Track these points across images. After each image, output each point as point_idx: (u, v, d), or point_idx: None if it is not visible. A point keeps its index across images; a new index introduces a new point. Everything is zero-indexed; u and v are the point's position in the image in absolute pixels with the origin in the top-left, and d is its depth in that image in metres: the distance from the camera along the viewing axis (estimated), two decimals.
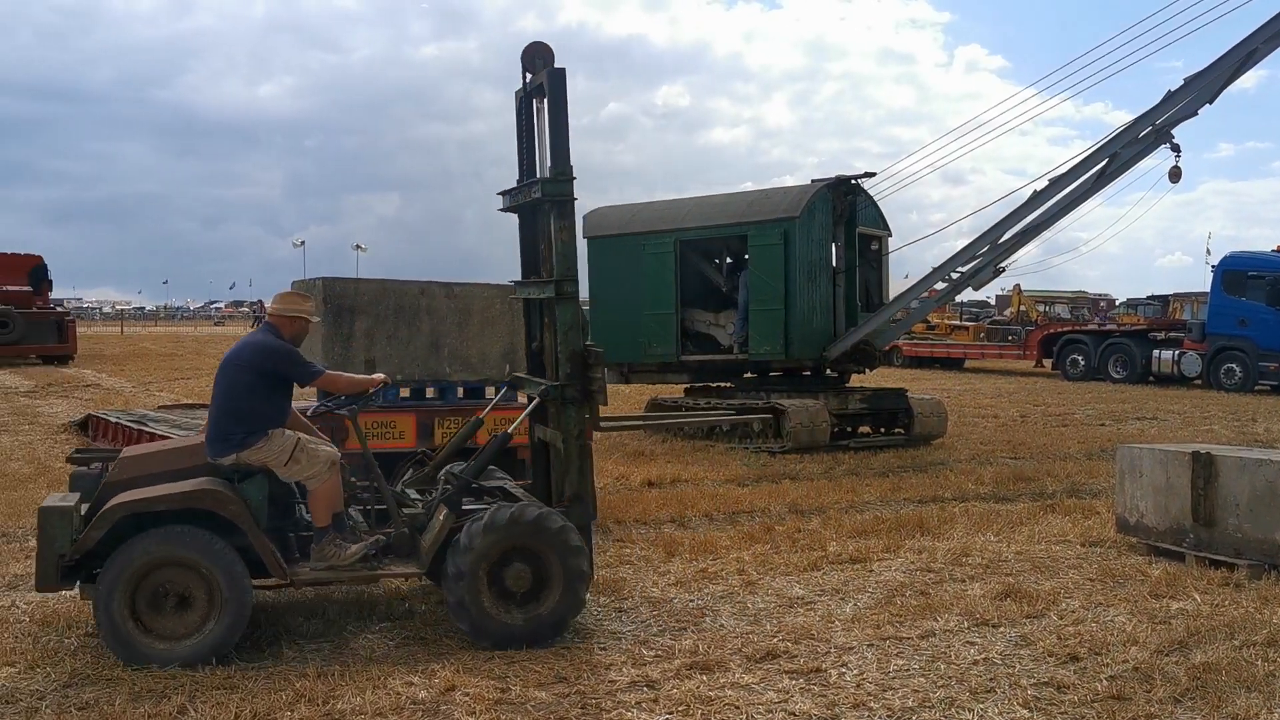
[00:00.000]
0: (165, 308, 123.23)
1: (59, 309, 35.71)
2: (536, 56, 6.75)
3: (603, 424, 6.83)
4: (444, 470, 6.89)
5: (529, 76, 6.89)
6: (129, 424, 13.34)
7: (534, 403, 6.82)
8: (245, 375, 6.10)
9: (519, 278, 7.40)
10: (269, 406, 6.11)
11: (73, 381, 25.43)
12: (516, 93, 7.09)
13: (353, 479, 6.48)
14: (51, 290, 36.09)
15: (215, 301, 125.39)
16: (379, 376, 6.64)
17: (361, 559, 6.04)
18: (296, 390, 6.61)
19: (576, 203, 6.53)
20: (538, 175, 6.92)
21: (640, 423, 9.38)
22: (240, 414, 6.02)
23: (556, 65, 6.62)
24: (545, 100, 6.63)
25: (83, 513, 5.89)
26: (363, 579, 6.27)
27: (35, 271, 34.02)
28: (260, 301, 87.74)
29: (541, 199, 6.58)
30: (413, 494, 6.82)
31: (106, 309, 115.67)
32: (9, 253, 35.01)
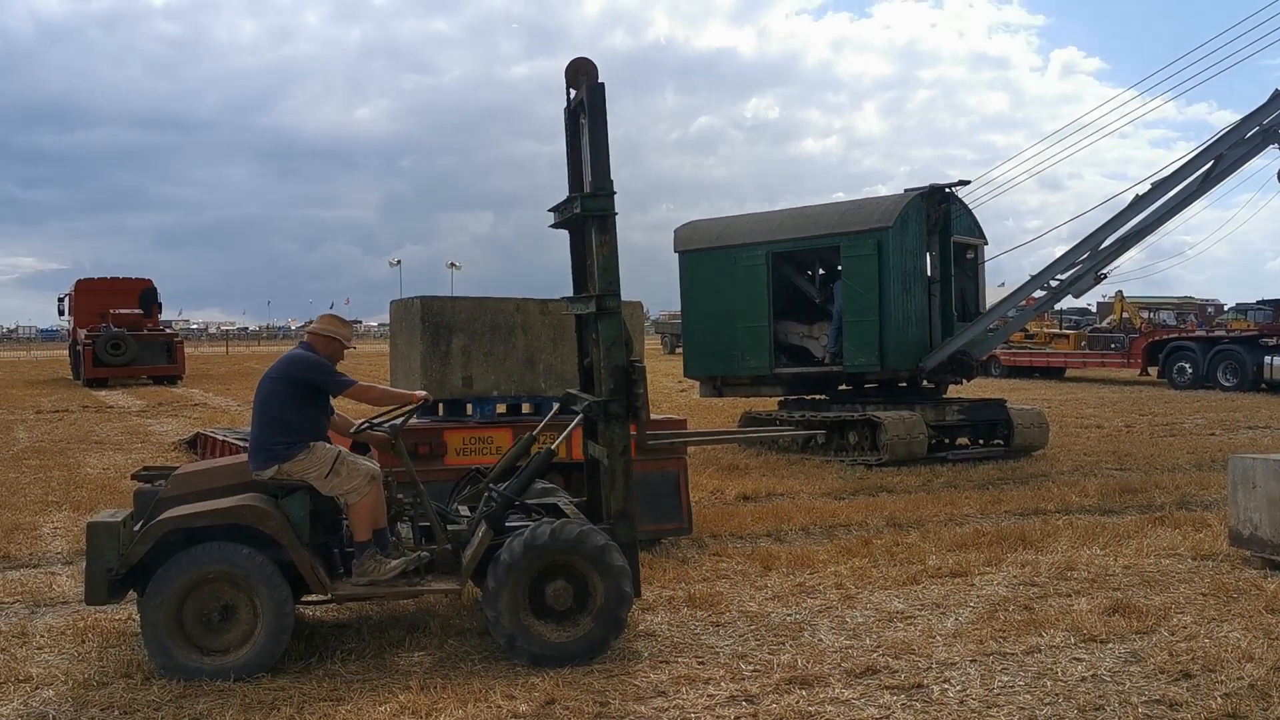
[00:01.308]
0: (268, 327, 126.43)
1: (168, 330, 36.89)
2: (579, 72, 6.77)
3: (649, 442, 6.80)
4: (490, 488, 6.92)
5: (573, 93, 6.92)
6: (235, 441, 13.69)
7: (579, 418, 6.84)
8: (278, 386, 6.24)
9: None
10: (305, 418, 6.21)
11: (182, 400, 26.29)
12: (564, 110, 7.12)
13: (400, 495, 6.56)
14: (161, 312, 37.35)
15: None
16: (420, 393, 6.67)
17: (402, 574, 6.12)
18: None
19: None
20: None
21: (690, 438, 9.36)
22: (279, 425, 6.13)
23: (601, 80, 6.61)
24: (586, 115, 6.62)
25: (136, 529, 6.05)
26: (403, 594, 6.33)
27: (146, 295, 35.26)
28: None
29: (581, 213, 6.59)
30: (464, 511, 6.87)
31: (212, 330, 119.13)
32: (121, 277, 36.36)
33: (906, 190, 15.46)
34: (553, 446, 6.79)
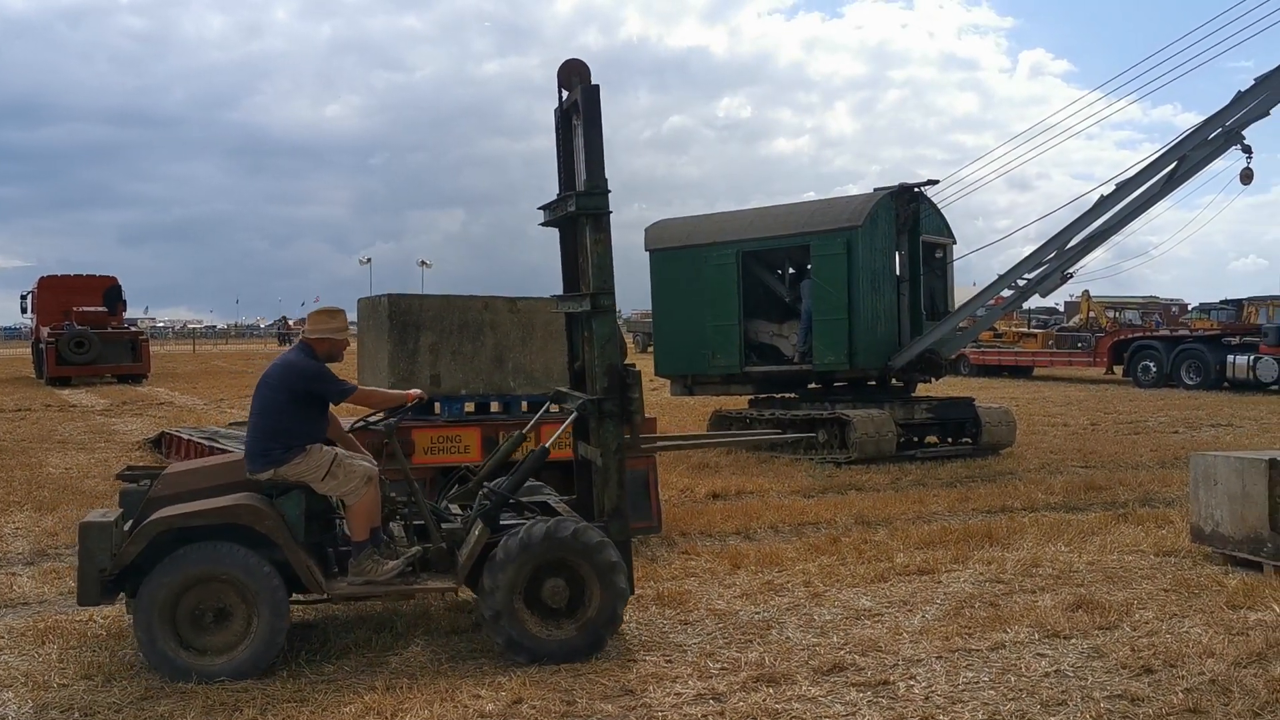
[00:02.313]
0: (236, 326, 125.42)
1: (133, 329, 36.46)
2: (572, 74, 6.81)
3: (643, 445, 6.79)
4: (483, 485, 6.92)
5: (565, 94, 6.95)
6: (201, 440, 13.59)
7: (572, 416, 6.84)
8: (278, 395, 6.18)
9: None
10: (304, 423, 6.16)
11: (147, 400, 26.02)
12: (555, 110, 7.15)
13: (393, 494, 6.54)
14: (126, 310, 36.95)
15: (285, 319, 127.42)
16: (414, 392, 6.68)
17: (399, 574, 6.10)
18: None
19: (613, 215, 6.56)
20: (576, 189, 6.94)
21: (681, 443, 9.38)
22: (277, 432, 6.09)
23: (594, 82, 6.65)
24: (581, 117, 6.66)
25: (127, 528, 5.99)
26: (399, 594, 6.31)
27: (110, 292, 34.88)
28: (285, 318, 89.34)
29: (576, 212, 6.60)
30: (455, 509, 6.85)
31: (179, 328, 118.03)
32: (85, 274, 35.96)
33: (876, 190, 15.54)
34: (546, 445, 6.82)
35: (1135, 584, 7.62)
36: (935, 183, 15.53)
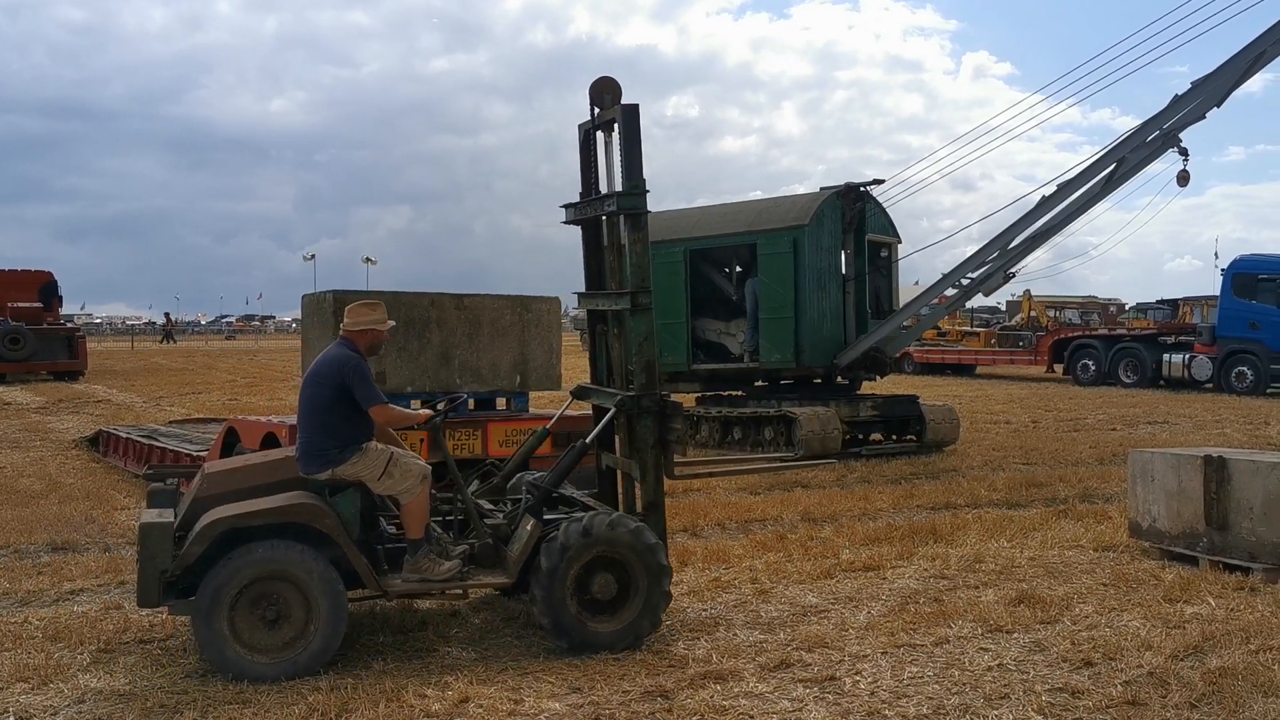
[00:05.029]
0: (175, 323, 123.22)
1: (69, 325, 35.73)
2: (605, 92, 7.07)
3: (677, 471, 6.93)
4: (523, 479, 7.01)
5: (597, 110, 7.16)
6: (140, 439, 13.38)
7: (610, 413, 6.91)
8: (325, 390, 6.12)
9: (583, 289, 7.56)
10: (356, 419, 6.11)
11: (83, 397, 25.52)
12: (581, 125, 7.36)
13: (432, 491, 6.50)
14: (62, 306, 36.21)
15: (227, 316, 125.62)
16: (426, 413, 6.70)
17: (455, 572, 6.11)
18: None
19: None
20: (603, 192, 7.15)
21: (715, 470, 9.58)
22: (330, 428, 6.05)
23: (635, 103, 6.90)
24: (615, 132, 6.90)
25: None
26: (454, 590, 6.30)
27: (45, 288, 34.17)
28: (168, 314, 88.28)
29: (616, 211, 6.80)
30: (485, 504, 6.88)
31: (116, 324, 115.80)
32: (19, 269, 35.19)
33: (822, 189, 15.64)
34: (586, 440, 6.94)
35: (1075, 579, 7.74)
36: (881, 182, 15.68)
